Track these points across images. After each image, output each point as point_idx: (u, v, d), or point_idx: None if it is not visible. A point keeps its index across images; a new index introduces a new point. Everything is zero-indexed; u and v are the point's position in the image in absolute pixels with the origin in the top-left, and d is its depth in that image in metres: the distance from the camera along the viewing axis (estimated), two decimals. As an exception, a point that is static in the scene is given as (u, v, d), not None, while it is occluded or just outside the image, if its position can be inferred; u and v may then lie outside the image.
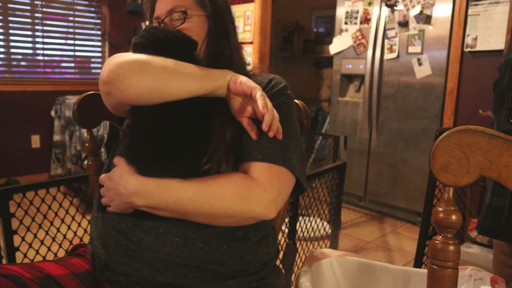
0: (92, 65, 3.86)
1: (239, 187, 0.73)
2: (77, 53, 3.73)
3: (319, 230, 1.91)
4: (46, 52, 3.53)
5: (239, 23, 3.61)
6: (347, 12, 3.11)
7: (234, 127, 0.79)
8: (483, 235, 1.04)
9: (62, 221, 1.28)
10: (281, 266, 0.90)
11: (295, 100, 0.94)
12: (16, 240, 1.14)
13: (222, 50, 0.88)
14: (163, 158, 0.73)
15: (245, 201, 0.72)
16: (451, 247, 0.54)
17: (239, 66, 0.88)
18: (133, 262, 0.74)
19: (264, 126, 0.71)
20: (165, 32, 0.79)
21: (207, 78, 0.76)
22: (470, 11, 2.49)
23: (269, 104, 0.74)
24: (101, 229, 0.81)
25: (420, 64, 2.73)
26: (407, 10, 2.76)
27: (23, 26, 3.37)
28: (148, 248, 0.74)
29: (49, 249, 1.24)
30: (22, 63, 3.44)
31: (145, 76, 0.71)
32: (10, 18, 3.29)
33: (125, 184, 0.72)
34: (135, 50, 0.78)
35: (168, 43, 0.78)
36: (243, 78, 0.77)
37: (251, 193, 0.73)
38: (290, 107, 0.85)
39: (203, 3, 0.88)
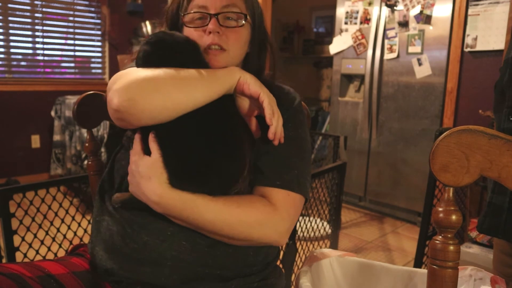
0: (92, 65, 3.86)
1: (260, 214, 0.74)
2: (77, 53, 3.73)
3: (319, 230, 1.91)
4: (46, 52, 3.53)
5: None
6: (347, 12, 3.11)
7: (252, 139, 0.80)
8: (483, 234, 1.04)
9: (62, 221, 1.28)
10: (281, 266, 0.90)
11: None
12: (16, 240, 1.14)
13: (258, 65, 0.87)
14: (201, 175, 0.72)
15: (264, 228, 0.74)
16: (451, 247, 0.54)
17: (263, 79, 0.86)
18: (136, 267, 0.74)
19: (270, 135, 0.74)
20: (174, 36, 0.77)
21: (216, 83, 0.74)
22: (470, 11, 2.49)
23: (276, 111, 0.75)
24: (104, 234, 0.80)
25: (420, 64, 2.73)
26: (407, 10, 2.76)
27: (23, 26, 3.37)
28: (153, 251, 0.73)
29: (49, 249, 1.24)
30: (22, 63, 3.44)
31: (157, 96, 0.69)
32: (10, 18, 3.29)
33: (150, 190, 0.70)
34: (144, 59, 0.75)
35: (175, 47, 0.75)
36: (250, 80, 0.76)
37: (270, 221, 0.75)
38: (306, 126, 0.87)
39: (251, 9, 0.84)
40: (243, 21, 0.81)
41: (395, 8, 2.82)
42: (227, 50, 0.79)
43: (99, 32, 3.81)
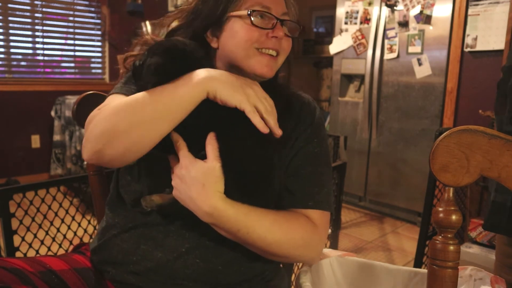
0: (92, 65, 3.86)
1: (305, 232, 0.73)
2: (77, 53, 3.73)
3: (319, 230, 1.91)
4: (46, 52, 3.53)
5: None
6: (347, 12, 3.11)
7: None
8: (487, 231, 1.07)
9: (62, 221, 1.28)
10: (281, 265, 0.90)
11: None
12: (16, 240, 1.14)
13: (287, 76, 0.84)
14: (263, 187, 0.70)
15: (307, 247, 0.74)
16: (451, 247, 0.54)
17: (278, 84, 0.84)
18: (147, 280, 0.74)
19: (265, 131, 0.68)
20: (179, 43, 0.72)
21: (179, 109, 0.66)
22: (470, 11, 2.49)
23: (263, 111, 0.68)
24: (113, 251, 0.78)
25: (420, 64, 2.73)
26: (407, 10, 2.76)
27: (23, 26, 3.37)
28: (166, 268, 0.73)
29: (49, 249, 1.24)
30: (22, 63, 3.44)
31: (120, 145, 0.66)
32: (10, 18, 3.29)
33: (202, 199, 0.65)
34: (156, 71, 0.67)
35: (185, 55, 0.70)
36: (222, 92, 0.66)
37: (313, 240, 0.74)
38: (327, 138, 0.85)
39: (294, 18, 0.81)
40: (298, 32, 0.80)
41: (395, 8, 2.82)
42: (279, 57, 0.77)
43: (99, 32, 3.81)
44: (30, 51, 3.45)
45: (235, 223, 0.66)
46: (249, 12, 0.73)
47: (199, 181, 0.65)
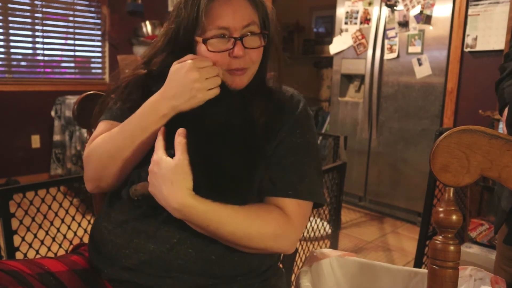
0: (92, 65, 3.86)
1: (278, 226, 0.74)
2: (77, 53, 3.72)
3: (319, 230, 1.91)
4: (46, 52, 3.53)
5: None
6: (347, 12, 3.11)
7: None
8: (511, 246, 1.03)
9: (62, 221, 1.28)
10: (281, 266, 0.90)
11: None
12: (16, 240, 1.14)
13: (263, 72, 0.85)
14: (234, 186, 0.70)
15: (279, 239, 0.75)
16: (451, 247, 0.54)
17: (268, 86, 0.86)
18: (141, 275, 0.74)
19: None
20: None
21: (143, 133, 0.76)
22: (470, 11, 2.49)
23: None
24: (109, 247, 0.78)
25: (420, 64, 2.73)
26: (407, 10, 2.76)
27: (23, 26, 3.37)
28: (160, 260, 0.73)
29: (49, 249, 1.24)
30: (22, 63, 3.44)
31: (110, 173, 0.79)
32: (10, 18, 3.29)
33: (172, 196, 0.67)
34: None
35: None
36: (179, 106, 0.74)
37: (286, 232, 0.75)
38: (313, 130, 0.85)
39: (263, 17, 0.81)
40: (265, 40, 0.80)
41: (395, 8, 2.82)
42: (249, 68, 0.79)
43: (99, 32, 3.81)
44: (30, 51, 3.45)
45: (204, 219, 0.68)
46: (203, 41, 0.76)
47: (168, 178, 0.68)
